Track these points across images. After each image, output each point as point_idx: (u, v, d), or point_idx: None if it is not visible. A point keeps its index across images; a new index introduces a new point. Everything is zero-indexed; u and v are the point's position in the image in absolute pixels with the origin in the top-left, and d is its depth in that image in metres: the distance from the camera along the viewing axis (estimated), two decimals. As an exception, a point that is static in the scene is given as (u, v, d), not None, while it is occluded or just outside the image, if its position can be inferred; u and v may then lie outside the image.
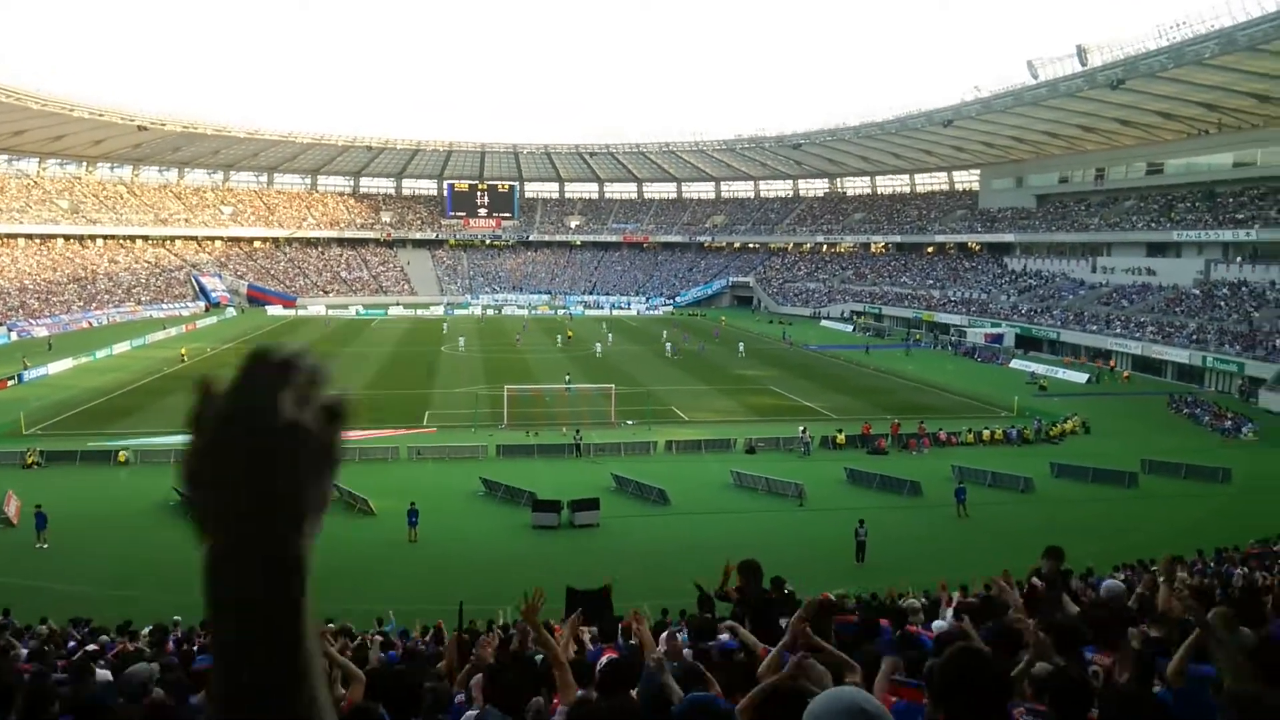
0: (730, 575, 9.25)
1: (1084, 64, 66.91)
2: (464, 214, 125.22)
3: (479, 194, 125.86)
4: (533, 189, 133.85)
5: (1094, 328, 67.34)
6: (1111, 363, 62.92)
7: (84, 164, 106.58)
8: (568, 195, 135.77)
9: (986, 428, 42.61)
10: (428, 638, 15.85)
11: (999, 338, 72.41)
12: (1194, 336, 59.29)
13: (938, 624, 7.68)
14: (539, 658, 7.78)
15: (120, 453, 36.34)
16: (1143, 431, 44.09)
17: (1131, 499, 33.29)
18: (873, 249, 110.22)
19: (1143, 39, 61.37)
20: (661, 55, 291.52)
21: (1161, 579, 7.59)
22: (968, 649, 2.98)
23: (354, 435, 40.57)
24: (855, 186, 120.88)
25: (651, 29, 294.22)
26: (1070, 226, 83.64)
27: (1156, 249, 73.75)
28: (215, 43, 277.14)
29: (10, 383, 52.20)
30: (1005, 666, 3.30)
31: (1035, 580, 8.76)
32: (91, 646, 13.49)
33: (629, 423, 43.97)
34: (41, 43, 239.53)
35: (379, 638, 14.99)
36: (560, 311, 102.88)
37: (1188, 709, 4.87)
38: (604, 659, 6.69)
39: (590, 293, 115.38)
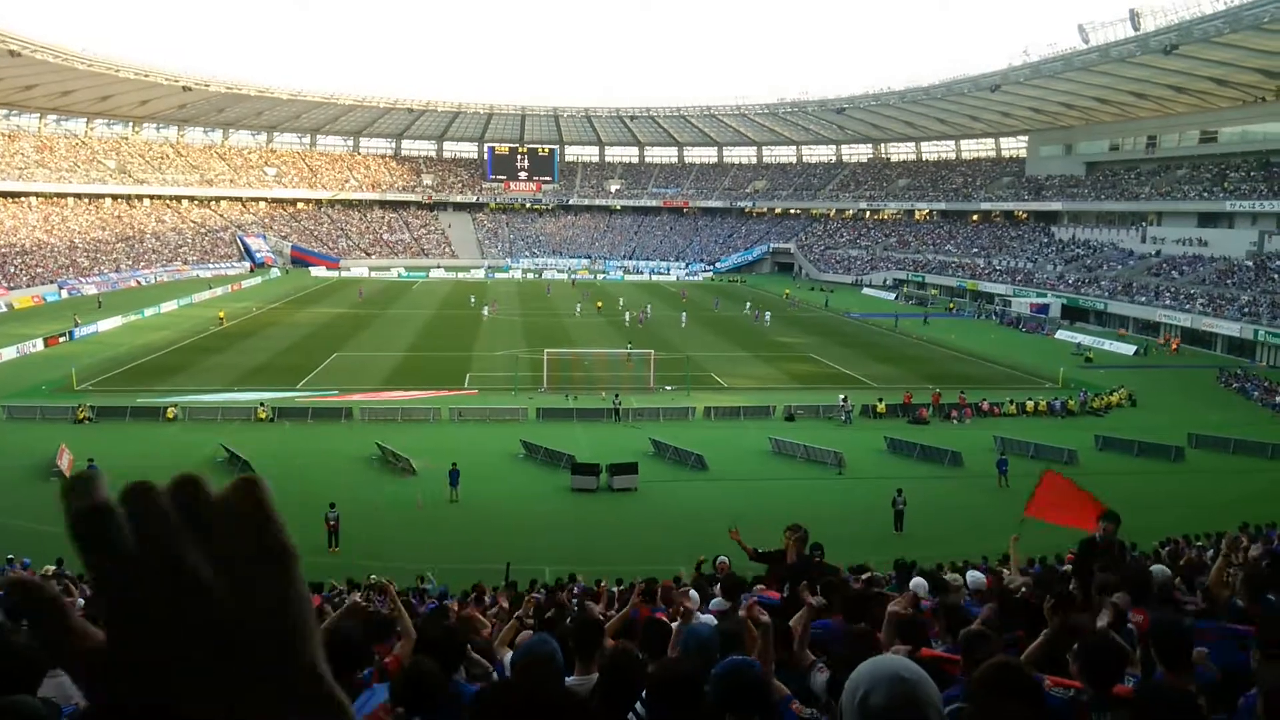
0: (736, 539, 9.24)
1: (1137, 28, 65.07)
2: (504, 177, 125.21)
3: (519, 157, 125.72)
4: (573, 152, 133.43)
5: (1143, 299, 66.05)
6: (1163, 336, 61.70)
7: (130, 124, 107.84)
8: (608, 159, 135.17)
9: (1030, 399, 42.03)
10: (470, 598, 16.07)
11: (1044, 308, 71.27)
12: (1245, 309, 57.88)
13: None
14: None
15: (169, 409, 37.01)
16: (1191, 405, 43.29)
17: (1178, 473, 32.80)
18: (917, 216, 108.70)
19: (1198, 2, 59.60)
20: (702, 19, 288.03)
21: (1224, 554, 7.44)
22: (1005, 666, 3.06)
23: (397, 395, 41.09)
24: (900, 152, 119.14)
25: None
26: (1120, 195, 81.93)
27: (1208, 219, 72.07)
28: (259, 6, 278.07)
29: (62, 339, 53.34)
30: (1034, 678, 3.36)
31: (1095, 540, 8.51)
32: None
33: (668, 388, 44.00)
34: (90, 6, 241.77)
35: (423, 593, 15.22)
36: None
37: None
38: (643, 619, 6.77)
39: (630, 258, 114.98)
